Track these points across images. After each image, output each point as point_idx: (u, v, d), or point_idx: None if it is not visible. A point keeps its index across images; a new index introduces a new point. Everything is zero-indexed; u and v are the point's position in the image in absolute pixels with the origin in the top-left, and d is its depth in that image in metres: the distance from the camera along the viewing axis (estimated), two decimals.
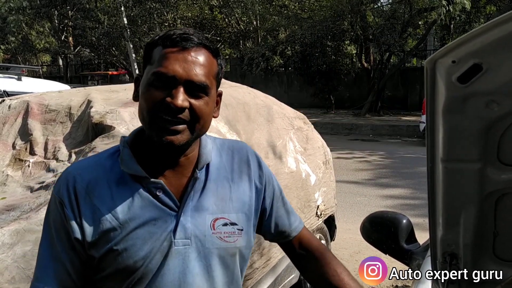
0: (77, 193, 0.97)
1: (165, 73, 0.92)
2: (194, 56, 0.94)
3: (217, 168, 1.08)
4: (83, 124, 2.33)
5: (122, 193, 0.98)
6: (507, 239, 1.21)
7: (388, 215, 1.90)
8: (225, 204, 1.05)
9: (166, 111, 0.92)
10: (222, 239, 1.02)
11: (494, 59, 0.84)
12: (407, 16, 14.38)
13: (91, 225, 0.96)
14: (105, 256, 0.97)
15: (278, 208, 1.17)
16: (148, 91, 0.94)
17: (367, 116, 14.68)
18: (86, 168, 1.01)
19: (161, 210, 0.99)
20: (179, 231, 0.98)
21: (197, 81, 0.93)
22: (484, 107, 0.92)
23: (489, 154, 1.02)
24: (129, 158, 0.99)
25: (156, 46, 0.96)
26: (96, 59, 22.65)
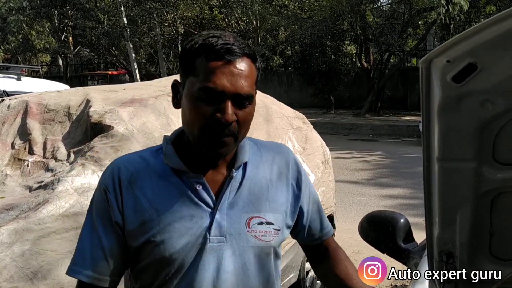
0: (121, 182, 1.02)
1: (214, 89, 0.93)
2: (239, 68, 0.96)
3: (256, 167, 1.10)
4: (82, 124, 2.34)
5: (162, 186, 1.02)
6: (503, 238, 1.21)
7: (386, 214, 1.91)
8: (261, 203, 1.07)
9: (216, 126, 0.95)
10: (257, 237, 1.05)
11: (489, 59, 0.85)
12: (406, 16, 14.38)
13: (132, 214, 1.01)
14: (143, 247, 1.00)
15: (313, 213, 1.20)
16: (196, 106, 0.95)
17: (367, 116, 14.69)
18: (130, 161, 1.06)
19: (198, 206, 1.02)
20: (214, 228, 1.01)
21: (244, 94, 0.96)
22: (479, 106, 0.93)
23: (485, 153, 1.02)
24: (172, 154, 1.04)
25: (198, 56, 0.96)
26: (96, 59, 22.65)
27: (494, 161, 1.04)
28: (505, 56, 0.84)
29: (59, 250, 1.74)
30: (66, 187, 1.88)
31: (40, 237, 1.76)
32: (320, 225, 1.22)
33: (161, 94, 2.62)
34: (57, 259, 1.74)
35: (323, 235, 1.23)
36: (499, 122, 0.96)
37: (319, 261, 1.25)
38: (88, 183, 1.88)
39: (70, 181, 1.90)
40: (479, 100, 0.91)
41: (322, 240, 1.24)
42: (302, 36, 14.86)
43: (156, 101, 2.46)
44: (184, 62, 1.00)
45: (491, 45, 0.83)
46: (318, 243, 1.24)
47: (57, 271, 1.72)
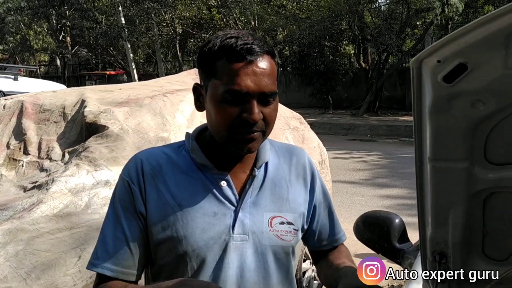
0: (144, 175, 1.02)
1: (239, 91, 0.94)
2: (261, 66, 0.96)
3: (276, 168, 1.12)
4: (77, 124, 2.33)
5: (186, 181, 1.03)
6: (496, 238, 1.21)
7: (381, 214, 1.91)
8: (282, 203, 1.08)
9: (243, 126, 0.96)
10: (279, 237, 1.06)
11: (479, 59, 0.84)
12: (404, 16, 14.39)
13: (154, 208, 1.01)
14: (165, 242, 1.00)
15: (324, 217, 1.21)
16: (222, 108, 0.96)
17: (365, 116, 14.70)
18: (153, 154, 1.06)
19: (221, 202, 1.02)
20: (237, 226, 1.02)
21: (268, 92, 0.97)
22: (470, 106, 0.92)
23: (476, 153, 1.02)
24: (197, 149, 1.05)
25: (219, 59, 0.97)
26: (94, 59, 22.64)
27: (485, 161, 1.04)
28: (495, 56, 0.83)
29: (53, 251, 1.74)
30: (60, 187, 1.87)
31: (34, 238, 1.75)
32: (330, 230, 1.22)
33: (157, 94, 2.62)
34: (50, 259, 1.73)
35: (333, 241, 1.22)
36: (490, 122, 0.96)
37: (322, 259, 1.24)
38: (82, 183, 1.88)
39: (64, 182, 1.89)
40: (470, 100, 0.91)
41: (333, 246, 1.23)
42: (300, 36, 14.87)
43: (152, 101, 2.46)
44: (204, 65, 1.00)
45: (481, 45, 0.82)
46: (327, 249, 1.23)
47: (50, 271, 1.72)
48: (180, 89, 2.81)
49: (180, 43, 19.14)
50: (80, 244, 1.72)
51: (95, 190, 1.87)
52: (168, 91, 2.69)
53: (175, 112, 2.45)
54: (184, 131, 2.37)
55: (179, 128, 2.37)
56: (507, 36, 0.80)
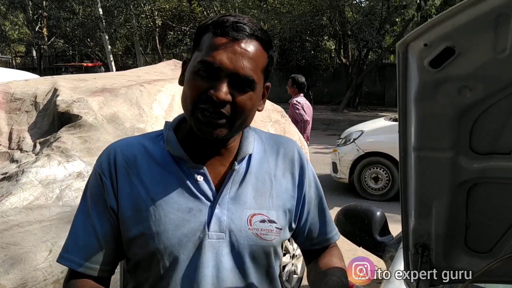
0: (116, 167, 0.97)
1: (211, 63, 0.89)
2: (244, 47, 0.90)
3: (260, 162, 1.04)
4: (49, 114, 2.24)
5: (161, 174, 0.97)
6: (479, 230, 1.19)
7: (362, 207, 1.89)
8: (264, 200, 1.01)
9: (207, 103, 0.90)
10: (259, 236, 0.99)
11: (467, 42, 0.81)
12: (384, 12, 14.50)
13: (127, 201, 0.96)
14: (137, 238, 0.95)
15: (314, 215, 1.13)
16: (193, 79, 0.92)
17: (345, 111, 14.78)
18: (128, 145, 1.01)
19: (197, 198, 0.97)
20: (213, 223, 0.96)
21: (243, 75, 0.90)
22: (456, 93, 0.89)
23: (461, 143, 0.99)
24: (174, 141, 0.98)
25: (207, 31, 0.93)
26: (71, 50, 22.14)
27: (471, 150, 1.01)
28: (483, 40, 0.80)
29: (22, 244, 1.66)
30: (31, 178, 1.79)
31: (3, 230, 1.67)
32: (321, 229, 1.13)
33: (133, 83, 2.54)
34: (20, 253, 1.65)
35: (324, 240, 1.15)
36: (476, 110, 0.93)
37: (314, 259, 1.16)
38: (53, 174, 1.80)
39: (34, 173, 1.81)
40: (457, 87, 0.88)
41: (324, 246, 1.15)
42: (281, 31, 14.83)
43: (128, 90, 2.38)
44: (194, 38, 0.97)
45: (469, 27, 0.79)
46: (318, 248, 1.15)
47: (20, 265, 1.64)
48: (158, 79, 2.73)
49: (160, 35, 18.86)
50: (51, 237, 1.65)
51: (67, 182, 1.79)
52: (145, 81, 2.62)
53: (152, 102, 2.38)
54: (161, 123, 2.30)
55: (157, 119, 2.30)
56: (497, 18, 0.77)
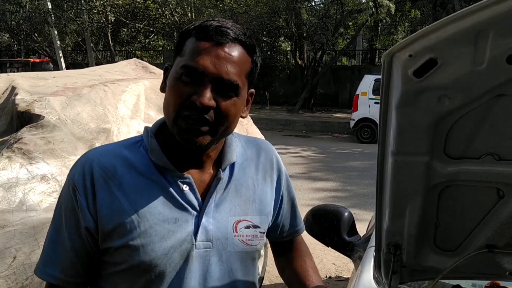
0: (94, 179, 0.92)
1: (195, 68, 0.87)
2: (228, 52, 0.89)
3: (242, 168, 1.03)
4: (6, 113, 2.13)
5: (144, 185, 0.93)
6: (447, 230, 1.26)
7: (330, 208, 1.94)
8: (248, 206, 1.01)
9: (190, 109, 0.87)
10: (245, 242, 0.99)
11: (449, 54, 0.86)
12: (338, 16, 14.88)
13: (108, 215, 0.91)
14: (121, 250, 0.92)
15: (287, 211, 1.17)
16: (175, 85, 0.89)
17: (300, 112, 15.03)
18: (105, 154, 0.95)
19: (183, 208, 0.94)
20: (200, 233, 0.94)
21: (227, 79, 0.88)
22: (436, 101, 0.94)
23: (437, 148, 1.05)
24: (158, 149, 0.94)
25: (190, 36, 0.91)
26: (16, 45, 21.03)
27: (444, 155, 1.07)
28: (464, 53, 0.85)
29: None
30: None
31: None
32: (291, 222, 1.18)
33: (96, 83, 2.47)
34: None
35: (293, 232, 1.20)
36: (452, 118, 0.99)
37: (281, 254, 1.23)
38: (15, 177, 1.71)
39: None
40: (437, 95, 0.93)
41: (292, 237, 1.21)
42: None
43: (92, 90, 2.31)
44: (177, 43, 0.95)
45: (452, 41, 0.84)
46: (287, 240, 1.21)
47: None
48: (122, 79, 2.67)
49: (113, 32, 18.31)
50: (14, 243, 1.57)
51: (30, 185, 1.71)
52: (108, 81, 2.55)
53: (117, 102, 2.31)
54: (128, 123, 2.25)
55: (122, 119, 2.24)
56: (477, 33, 0.82)
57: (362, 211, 5.48)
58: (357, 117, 10.90)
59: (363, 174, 7.50)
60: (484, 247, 1.25)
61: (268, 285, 3.83)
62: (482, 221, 1.21)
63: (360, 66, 17.82)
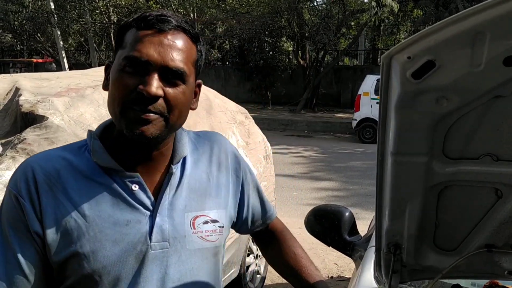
0: (37, 185, 0.86)
1: (138, 58, 0.83)
2: (171, 39, 0.86)
3: (194, 162, 1.00)
4: (10, 114, 2.15)
5: (90, 188, 0.89)
6: (447, 230, 1.27)
7: (332, 208, 1.95)
8: (204, 200, 0.98)
9: (138, 100, 0.83)
10: (204, 238, 0.95)
11: (447, 56, 0.87)
12: (341, 16, 14.88)
13: (53, 223, 0.86)
14: (69, 260, 0.87)
15: (254, 200, 1.14)
16: (119, 77, 0.85)
17: (302, 112, 15.04)
18: (47, 159, 0.90)
19: (134, 208, 0.90)
20: (155, 233, 0.90)
21: (173, 67, 0.85)
22: (434, 102, 0.96)
23: (436, 148, 1.06)
24: (101, 150, 0.90)
25: (129, 28, 0.87)
26: (19, 45, 21.10)
27: (443, 156, 1.08)
28: (462, 55, 0.87)
29: None
30: None
31: None
32: (262, 210, 1.17)
33: (99, 84, 2.48)
34: None
35: (266, 219, 1.18)
36: (451, 119, 1.00)
37: (266, 245, 1.21)
38: None
39: None
40: (435, 97, 0.94)
41: (266, 224, 1.19)
42: (240, 31, 14.87)
43: (94, 91, 2.33)
44: (116, 38, 0.91)
45: (450, 43, 0.85)
46: (262, 228, 1.19)
47: None
48: None
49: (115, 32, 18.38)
50: None
51: None
52: None
53: None
54: None
55: None
56: (475, 36, 0.83)
57: (364, 210, 5.50)
58: (359, 117, 10.91)
59: (365, 174, 7.51)
60: (483, 247, 1.26)
61: (270, 285, 3.84)
62: (481, 221, 1.22)
63: (362, 66, 17.82)
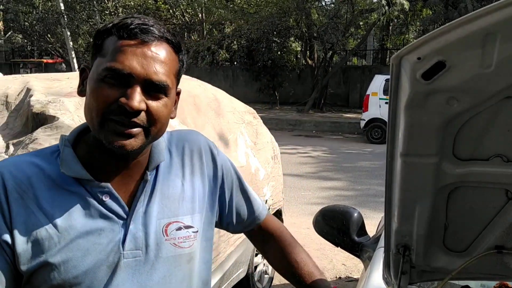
0: (7, 192, 0.83)
1: (121, 70, 0.81)
2: (155, 51, 0.83)
3: (167, 167, 0.97)
4: (22, 114, 2.17)
5: (62, 197, 0.86)
6: (456, 231, 1.27)
7: (340, 208, 1.95)
8: (177, 205, 0.95)
9: (119, 113, 0.81)
10: (177, 245, 0.93)
11: (457, 57, 0.87)
12: (349, 16, 14.84)
13: (23, 232, 0.83)
14: (39, 270, 0.84)
15: (239, 199, 1.10)
16: (99, 88, 0.82)
17: (310, 112, 15.01)
18: (17, 165, 0.87)
19: (107, 217, 0.88)
20: (128, 241, 0.88)
21: (156, 81, 0.83)
22: (444, 103, 0.96)
23: (445, 149, 1.06)
24: (71, 159, 0.87)
25: (110, 35, 0.84)
26: (30, 45, 21.31)
27: (453, 156, 1.08)
28: (472, 56, 0.87)
29: None
30: None
31: None
32: (249, 209, 1.12)
33: None
34: None
35: (255, 218, 1.13)
36: (461, 120, 1.00)
37: (264, 245, 1.17)
38: None
39: None
40: (445, 98, 0.94)
41: (256, 224, 1.14)
42: (248, 31, 14.88)
43: None
44: (94, 43, 0.87)
45: (460, 44, 0.85)
46: (253, 228, 1.15)
47: None
48: None
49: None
50: None
51: None
52: None
53: None
54: None
55: None
56: (485, 37, 0.83)
57: (372, 211, 5.48)
58: (368, 117, 10.87)
59: (373, 174, 7.48)
60: (493, 248, 1.26)
61: (278, 285, 3.85)
62: (491, 222, 1.22)
63: (370, 66, 17.75)
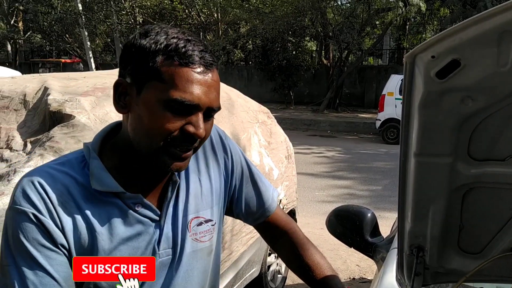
0: (51, 200, 0.84)
1: (191, 101, 0.83)
2: (214, 79, 0.87)
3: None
4: (39, 112, 2.21)
5: (99, 206, 0.89)
6: (471, 232, 1.25)
7: (353, 208, 1.93)
8: (198, 201, 0.99)
9: (183, 140, 0.85)
10: (198, 240, 0.98)
11: (472, 56, 0.86)
12: (365, 15, 14.72)
13: (74, 238, 0.86)
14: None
15: (248, 189, 1.11)
16: (162, 115, 0.83)
17: (325, 112, 14.94)
18: (52, 176, 0.87)
19: (142, 222, 0.92)
20: (163, 241, 0.93)
21: (216, 107, 0.88)
22: (459, 102, 0.94)
23: (460, 149, 1.05)
24: (101, 172, 0.88)
25: (167, 59, 0.83)
26: (48, 45, 21.68)
27: (468, 157, 1.06)
28: (487, 54, 0.85)
29: None
30: None
31: None
32: (259, 200, 1.12)
33: None
34: None
35: (264, 211, 1.13)
36: (476, 119, 0.98)
37: (275, 241, 1.17)
38: None
39: None
40: (460, 97, 0.93)
41: (266, 217, 1.14)
42: (263, 31, 14.88)
43: None
44: (141, 61, 0.84)
45: (475, 42, 0.84)
46: (262, 221, 1.15)
47: None
48: None
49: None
50: None
51: None
52: None
53: None
54: None
55: None
56: (501, 35, 0.82)
57: (386, 211, 5.42)
58: (383, 118, 10.77)
59: (388, 174, 7.40)
60: (509, 250, 1.23)
61: (291, 285, 3.84)
62: (507, 223, 1.19)
63: (386, 66, 17.58)
